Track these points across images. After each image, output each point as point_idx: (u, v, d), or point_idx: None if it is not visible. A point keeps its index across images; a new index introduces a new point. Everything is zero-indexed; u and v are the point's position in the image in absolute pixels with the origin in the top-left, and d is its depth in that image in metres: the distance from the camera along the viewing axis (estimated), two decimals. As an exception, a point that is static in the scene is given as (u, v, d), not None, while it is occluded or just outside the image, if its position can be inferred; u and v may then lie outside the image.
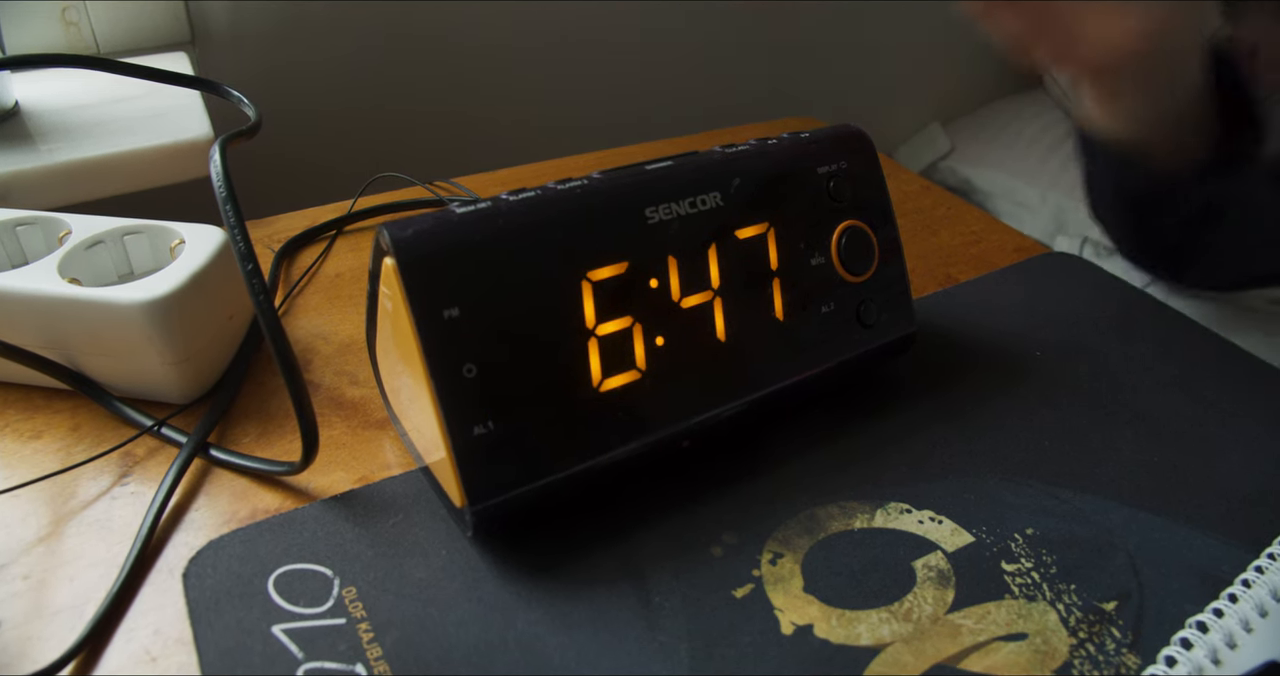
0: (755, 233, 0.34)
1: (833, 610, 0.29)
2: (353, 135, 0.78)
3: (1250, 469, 0.37)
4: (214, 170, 0.30)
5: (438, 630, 0.27)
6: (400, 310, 0.27)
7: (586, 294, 0.30)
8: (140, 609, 0.29)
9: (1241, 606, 0.31)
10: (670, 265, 0.31)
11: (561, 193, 0.30)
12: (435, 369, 0.27)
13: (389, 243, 0.27)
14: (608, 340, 0.30)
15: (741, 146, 0.35)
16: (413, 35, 0.77)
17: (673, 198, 0.32)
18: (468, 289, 0.27)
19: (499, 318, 0.28)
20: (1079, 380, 0.41)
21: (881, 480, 0.34)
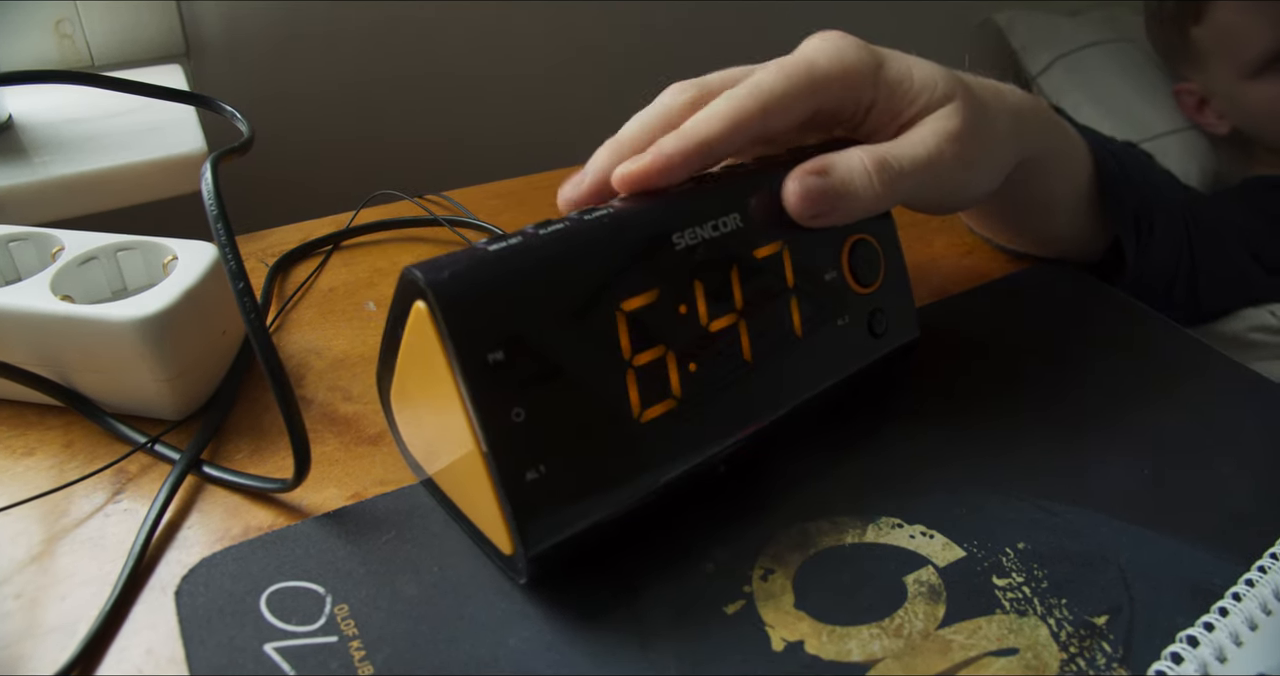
0: (772, 251, 0.33)
1: (823, 626, 0.29)
2: (347, 148, 0.78)
3: (1244, 482, 0.37)
4: (205, 188, 0.30)
5: (429, 648, 0.27)
6: (435, 355, 0.26)
7: (621, 325, 0.29)
8: (132, 627, 0.29)
9: (1231, 620, 0.31)
10: (697, 290, 0.31)
11: (589, 223, 0.29)
12: (484, 417, 0.26)
13: (425, 285, 0.26)
14: (644, 370, 0.29)
15: (750, 164, 0.35)
16: (408, 49, 0.77)
17: (698, 222, 0.31)
18: (509, 330, 0.27)
19: (541, 357, 0.27)
20: (1070, 392, 0.41)
21: (873, 495, 0.34)
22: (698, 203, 0.31)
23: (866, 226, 0.36)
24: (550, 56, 0.85)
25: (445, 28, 0.78)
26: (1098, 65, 1.13)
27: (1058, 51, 1.15)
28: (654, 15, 0.89)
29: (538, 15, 0.82)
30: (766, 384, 0.33)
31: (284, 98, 0.73)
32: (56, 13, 0.62)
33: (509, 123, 0.86)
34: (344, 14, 0.73)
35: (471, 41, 0.80)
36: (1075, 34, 1.16)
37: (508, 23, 0.81)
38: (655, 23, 0.90)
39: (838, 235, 0.35)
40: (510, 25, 0.81)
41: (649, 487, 0.29)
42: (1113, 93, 1.10)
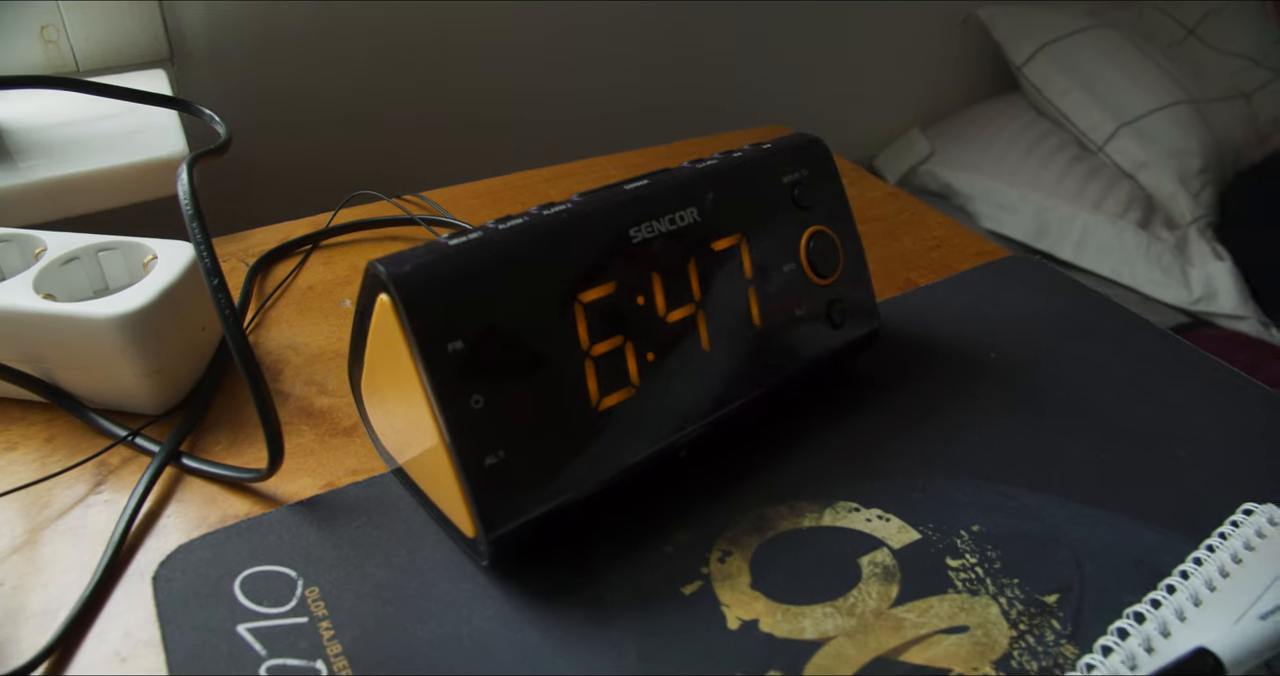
0: (729, 244, 0.35)
1: (778, 605, 0.30)
2: (328, 149, 0.79)
3: (1199, 465, 0.38)
4: (181, 189, 0.31)
5: (395, 627, 0.28)
6: (399, 346, 0.28)
7: (579, 316, 0.30)
8: (112, 611, 0.30)
9: (1178, 597, 0.32)
10: (655, 282, 0.32)
11: (548, 218, 0.31)
12: (444, 402, 0.27)
13: (387, 278, 0.27)
14: (602, 360, 0.31)
15: (710, 161, 0.36)
16: (386, 54, 0.78)
17: (654, 216, 0.32)
18: (469, 321, 0.28)
19: (500, 346, 0.28)
20: (1033, 381, 0.42)
21: (832, 480, 0.35)
22: (654, 197, 0.32)
23: (825, 219, 0.37)
24: (528, 59, 0.87)
25: (424, 33, 0.79)
26: (1081, 51, 1.15)
27: (1041, 41, 1.16)
28: (631, 20, 0.90)
29: (516, 20, 0.83)
30: (726, 372, 0.34)
31: (267, 100, 0.74)
32: (41, 18, 0.63)
33: (487, 124, 0.87)
34: (326, 18, 0.74)
35: (449, 46, 0.81)
36: (1057, 23, 1.18)
37: (485, 27, 0.82)
38: (631, 27, 0.91)
39: (796, 228, 0.36)
40: (487, 29, 0.82)
41: (608, 473, 0.30)
42: (1099, 76, 1.12)
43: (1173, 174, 1.06)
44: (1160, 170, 1.06)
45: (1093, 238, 1.03)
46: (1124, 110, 1.09)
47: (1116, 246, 1.02)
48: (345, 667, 0.27)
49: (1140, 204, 1.07)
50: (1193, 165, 1.07)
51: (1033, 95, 1.18)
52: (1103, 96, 1.10)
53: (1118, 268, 1.01)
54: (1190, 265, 1.00)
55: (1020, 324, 0.47)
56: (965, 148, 1.15)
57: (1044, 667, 0.29)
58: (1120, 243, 1.02)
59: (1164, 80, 1.11)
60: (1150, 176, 1.07)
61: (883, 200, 0.59)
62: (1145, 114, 1.08)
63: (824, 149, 0.38)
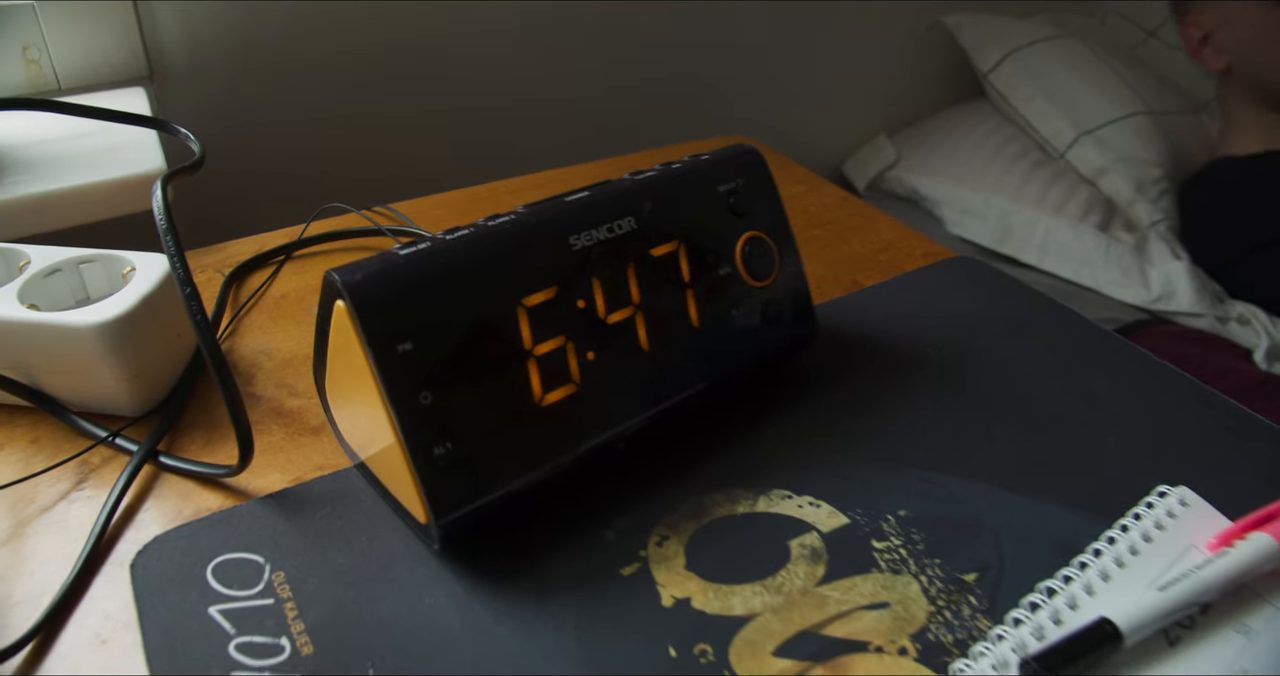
0: (667, 250, 0.37)
1: (710, 585, 0.33)
2: (301, 162, 0.81)
3: (1122, 453, 0.40)
4: (155, 204, 0.33)
5: (354, 607, 0.31)
6: (354, 348, 0.30)
7: (522, 318, 0.33)
8: (92, 597, 0.32)
9: (1088, 573, 0.35)
10: (595, 286, 0.35)
11: (492, 229, 0.33)
12: (394, 398, 0.29)
13: (341, 286, 0.29)
14: (545, 358, 0.33)
15: (648, 172, 0.39)
16: (358, 71, 0.81)
17: (592, 225, 0.35)
18: (416, 324, 0.30)
19: (447, 347, 0.31)
20: (967, 375, 0.45)
21: (766, 469, 0.38)
22: (593, 207, 0.35)
23: (759, 225, 0.40)
24: (501, 73, 0.89)
25: (397, 50, 0.81)
26: (1046, 60, 1.18)
27: (1007, 49, 1.19)
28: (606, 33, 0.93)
29: (490, 35, 0.86)
30: (665, 370, 0.36)
31: (242, 115, 0.77)
32: (23, 39, 0.65)
33: (457, 137, 0.90)
34: (300, 38, 0.76)
35: (419, 64, 0.84)
36: (1022, 32, 1.21)
37: (457, 44, 0.84)
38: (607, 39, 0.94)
39: (731, 234, 0.39)
40: (459, 46, 0.85)
41: (551, 464, 0.33)
42: (1063, 85, 1.15)
43: (1131, 181, 1.09)
44: (1119, 177, 1.09)
45: (1054, 241, 1.06)
46: (1085, 119, 1.12)
47: (1077, 249, 1.04)
48: (307, 643, 0.29)
49: (1100, 208, 1.10)
50: (1151, 174, 1.10)
51: (998, 102, 1.21)
52: (1065, 105, 1.13)
53: (1079, 269, 1.04)
54: (1149, 265, 1.03)
55: (959, 321, 0.49)
56: (931, 153, 1.18)
57: (958, 639, 0.32)
58: (1081, 245, 1.04)
59: (1124, 91, 1.14)
60: (1110, 183, 1.10)
61: (835, 205, 0.62)
62: (1105, 123, 1.11)
63: (759, 158, 0.41)
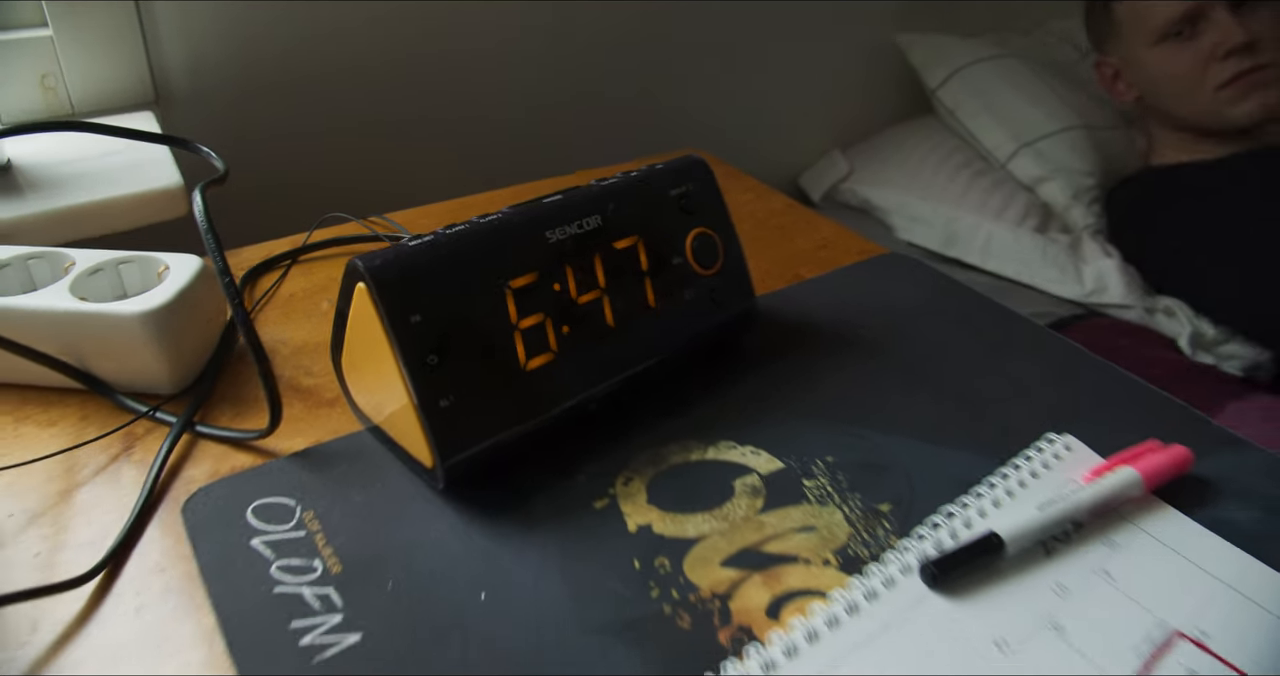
0: (629, 243, 0.44)
1: (667, 514, 0.39)
2: (300, 176, 0.88)
3: (1024, 414, 0.47)
4: (196, 208, 0.40)
5: (373, 536, 0.37)
6: (373, 321, 0.36)
7: (509, 298, 0.39)
8: (149, 537, 0.38)
9: (982, 501, 0.41)
10: (568, 273, 0.42)
11: (483, 225, 0.40)
12: (407, 360, 0.36)
13: (363, 269, 0.36)
14: (528, 331, 0.40)
15: (612, 179, 0.46)
16: (349, 97, 0.87)
17: (565, 222, 0.42)
18: (424, 300, 0.37)
19: (449, 319, 0.37)
20: (893, 351, 0.52)
21: (716, 425, 0.45)
22: (566, 207, 0.42)
23: (706, 222, 0.47)
24: (487, 96, 0.96)
25: (383, 76, 0.88)
26: (989, 78, 1.27)
27: (953, 67, 1.28)
28: (578, 56, 1.01)
29: (479, 56, 0.93)
30: (627, 343, 0.43)
31: (243, 135, 0.83)
32: (42, 68, 0.71)
33: (444, 153, 0.97)
34: (296, 62, 0.83)
35: (407, 86, 0.90)
36: (967, 51, 1.30)
37: (443, 66, 0.91)
38: (579, 63, 1.01)
39: (682, 229, 0.46)
40: (445, 69, 0.92)
41: (535, 418, 0.40)
42: (1004, 101, 1.24)
43: (1067, 189, 1.18)
44: (1056, 186, 1.18)
45: (996, 243, 1.14)
46: (1024, 132, 1.21)
47: (1017, 250, 1.13)
48: (336, 564, 0.36)
49: (1038, 212, 1.18)
50: (1085, 183, 1.19)
51: (945, 116, 1.29)
52: (1006, 119, 1.22)
53: (1019, 269, 1.12)
54: (1083, 263, 1.11)
55: (888, 308, 0.57)
56: (881, 166, 1.26)
57: (873, 554, 0.39)
58: (1020, 247, 1.13)
59: (1061, 108, 1.23)
60: (1047, 190, 1.19)
61: (781, 211, 0.69)
62: (1043, 137, 1.20)
63: (705, 167, 0.48)
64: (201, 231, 0.39)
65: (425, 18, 0.87)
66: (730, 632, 0.34)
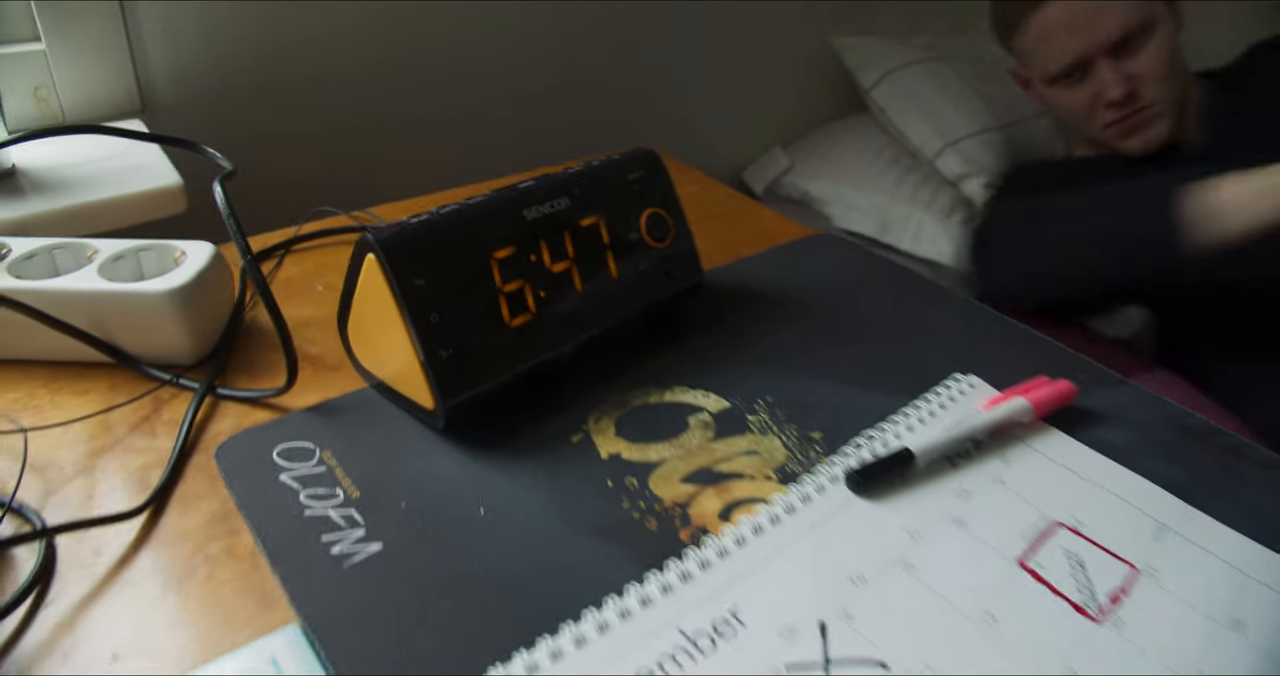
0: (592, 221, 0.51)
1: (633, 444, 0.46)
2: (284, 175, 0.93)
3: (933, 358, 0.55)
4: (218, 197, 0.46)
5: (385, 469, 0.44)
6: (381, 286, 0.43)
7: (494, 266, 0.46)
8: (189, 478, 0.44)
9: (898, 426, 0.49)
10: (542, 246, 0.49)
11: (472, 205, 0.47)
12: (413, 316, 0.43)
13: (373, 240, 0.43)
14: (511, 295, 0.47)
15: (577, 167, 0.53)
16: (330, 97, 0.93)
17: (538, 203, 0.49)
18: (426, 266, 0.44)
19: (446, 283, 0.44)
20: (823, 312, 0.60)
21: (671, 373, 0.52)
22: (539, 191, 0.49)
23: (658, 203, 0.54)
24: (452, 103, 1.03)
25: (359, 78, 0.94)
26: (918, 80, 1.36)
27: (885, 69, 1.37)
28: (542, 58, 1.08)
29: (432, 65, 0.99)
30: (595, 306, 0.50)
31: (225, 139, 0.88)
32: (35, 80, 0.77)
33: (419, 153, 1.03)
34: (273, 70, 0.89)
35: (378, 88, 0.97)
36: (898, 54, 1.39)
37: (417, 68, 0.98)
38: (543, 64, 1.08)
39: (637, 210, 0.53)
40: (418, 68, 0.98)
41: (519, 367, 0.47)
42: (931, 102, 1.34)
43: (984, 186, 1.27)
44: (977, 183, 1.27)
45: (926, 231, 1.23)
46: (949, 132, 1.30)
47: (945, 239, 1.22)
48: (354, 490, 0.42)
49: (964, 206, 1.28)
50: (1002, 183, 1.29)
51: (877, 115, 1.39)
52: (932, 119, 1.31)
53: (945, 254, 1.21)
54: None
55: (819, 277, 0.64)
56: (820, 161, 1.35)
57: (806, 470, 0.46)
58: (949, 235, 1.22)
59: (982, 110, 1.33)
60: (969, 187, 1.28)
61: (724, 200, 0.77)
62: (965, 137, 1.29)
63: (656, 157, 0.55)
64: (224, 217, 0.45)
65: (390, 21, 0.94)
66: (690, 531, 0.41)
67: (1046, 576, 0.41)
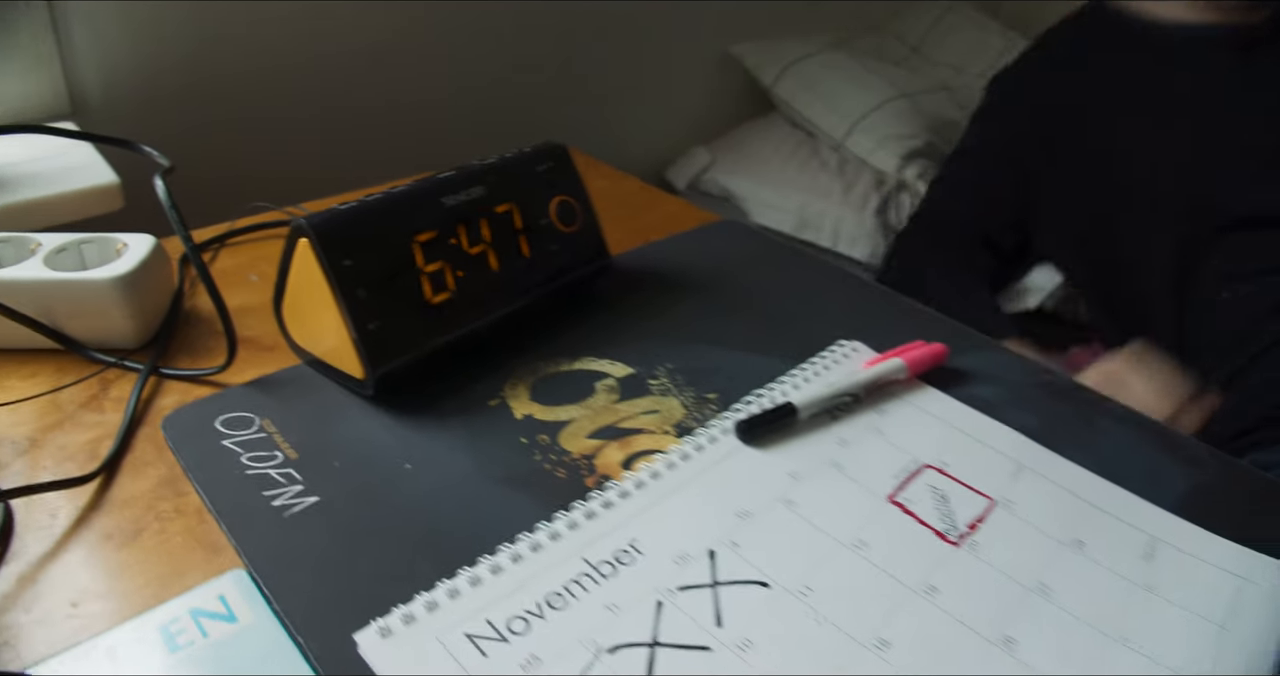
0: (506, 208, 0.56)
1: (545, 406, 0.52)
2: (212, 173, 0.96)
3: (821, 328, 0.61)
4: (160, 190, 0.50)
5: (320, 433, 0.48)
6: (313, 267, 0.48)
7: (416, 249, 0.51)
8: (138, 447, 0.48)
9: (784, 386, 0.55)
10: (460, 230, 0.54)
11: (396, 193, 0.52)
12: (343, 293, 0.48)
13: (306, 225, 0.47)
14: (431, 274, 0.52)
15: (492, 159, 0.58)
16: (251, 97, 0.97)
17: (457, 191, 0.54)
18: (354, 248, 0.48)
19: (373, 263, 0.49)
20: (720, 289, 0.66)
21: (580, 345, 0.58)
22: (457, 180, 0.54)
23: (566, 192, 0.60)
24: (377, 101, 1.07)
25: (286, 79, 0.98)
26: (816, 70, 1.44)
27: (783, 65, 1.45)
28: (473, 62, 1.12)
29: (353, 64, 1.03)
30: (509, 285, 0.56)
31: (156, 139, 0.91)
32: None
33: (345, 149, 1.07)
34: (199, 70, 0.92)
35: (308, 88, 1.00)
36: (795, 50, 1.47)
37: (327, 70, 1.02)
38: (475, 67, 1.13)
39: (547, 197, 0.59)
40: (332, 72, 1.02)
41: (440, 339, 0.52)
42: (831, 87, 1.42)
43: (897, 153, 1.35)
44: (887, 153, 1.35)
45: (844, 228, 1.31)
46: (853, 111, 1.38)
47: (861, 234, 1.30)
48: (292, 451, 0.47)
49: (879, 191, 1.36)
50: (913, 144, 1.37)
51: (785, 109, 1.46)
52: (835, 103, 1.39)
53: (865, 251, 1.29)
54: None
55: (718, 259, 0.70)
56: (738, 158, 1.42)
57: (699, 426, 0.52)
58: (864, 230, 1.30)
59: (881, 84, 1.42)
60: (880, 159, 1.36)
61: (634, 192, 0.83)
62: (870, 111, 1.37)
63: (564, 149, 0.61)
64: (166, 208, 0.49)
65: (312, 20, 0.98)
66: (595, 479, 0.47)
67: (913, 509, 0.47)
